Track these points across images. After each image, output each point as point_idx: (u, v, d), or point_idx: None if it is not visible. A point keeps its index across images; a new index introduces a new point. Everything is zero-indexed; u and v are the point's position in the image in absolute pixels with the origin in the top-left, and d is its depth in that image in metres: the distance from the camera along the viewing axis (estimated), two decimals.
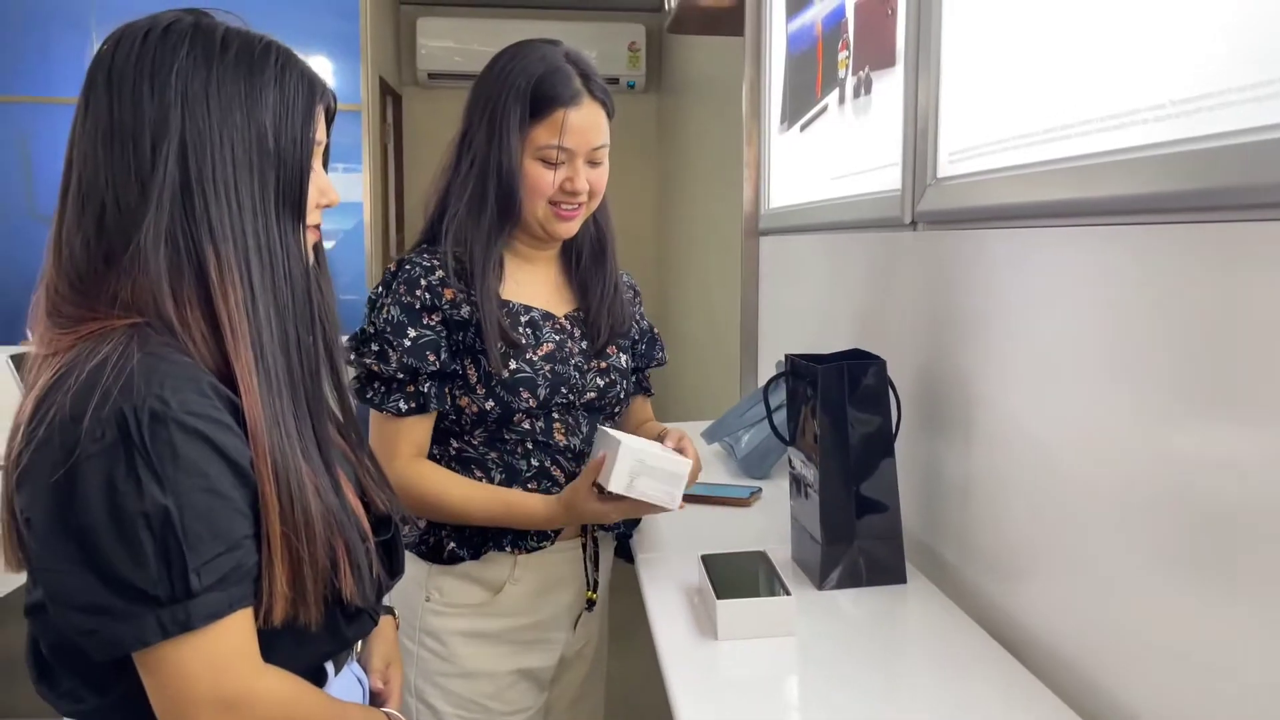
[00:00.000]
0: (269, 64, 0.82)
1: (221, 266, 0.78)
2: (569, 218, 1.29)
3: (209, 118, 0.78)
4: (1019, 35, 1.13)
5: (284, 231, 0.82)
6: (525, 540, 1.30)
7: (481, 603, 1.31)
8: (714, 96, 3.67)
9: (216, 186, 0.78)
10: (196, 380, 0.75)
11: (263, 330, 0.79)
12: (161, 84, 0.78)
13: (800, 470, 1.29)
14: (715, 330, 3.05)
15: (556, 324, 1.33)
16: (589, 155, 1.28)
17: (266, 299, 0.80)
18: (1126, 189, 0.90)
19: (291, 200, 0.83)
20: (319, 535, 0.79)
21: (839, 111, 1.75)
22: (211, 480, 0.73)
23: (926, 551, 1.33)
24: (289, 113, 0.82)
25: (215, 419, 0.74)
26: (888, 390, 1.23)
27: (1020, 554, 1.12)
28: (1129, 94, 0.91)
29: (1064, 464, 1.03)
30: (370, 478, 0.95)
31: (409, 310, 1.24)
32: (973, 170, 1.23)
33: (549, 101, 1.25)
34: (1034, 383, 1.09)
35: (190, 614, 0.72)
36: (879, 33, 1.54)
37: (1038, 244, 1.08)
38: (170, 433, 0.71)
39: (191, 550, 0.72)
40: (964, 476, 1.24)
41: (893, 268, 1.49)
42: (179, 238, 0.78)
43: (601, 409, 1.36)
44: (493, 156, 1.26)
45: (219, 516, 0.74)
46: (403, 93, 5.16)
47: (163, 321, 0.77)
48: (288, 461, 0.78)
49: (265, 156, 0.81)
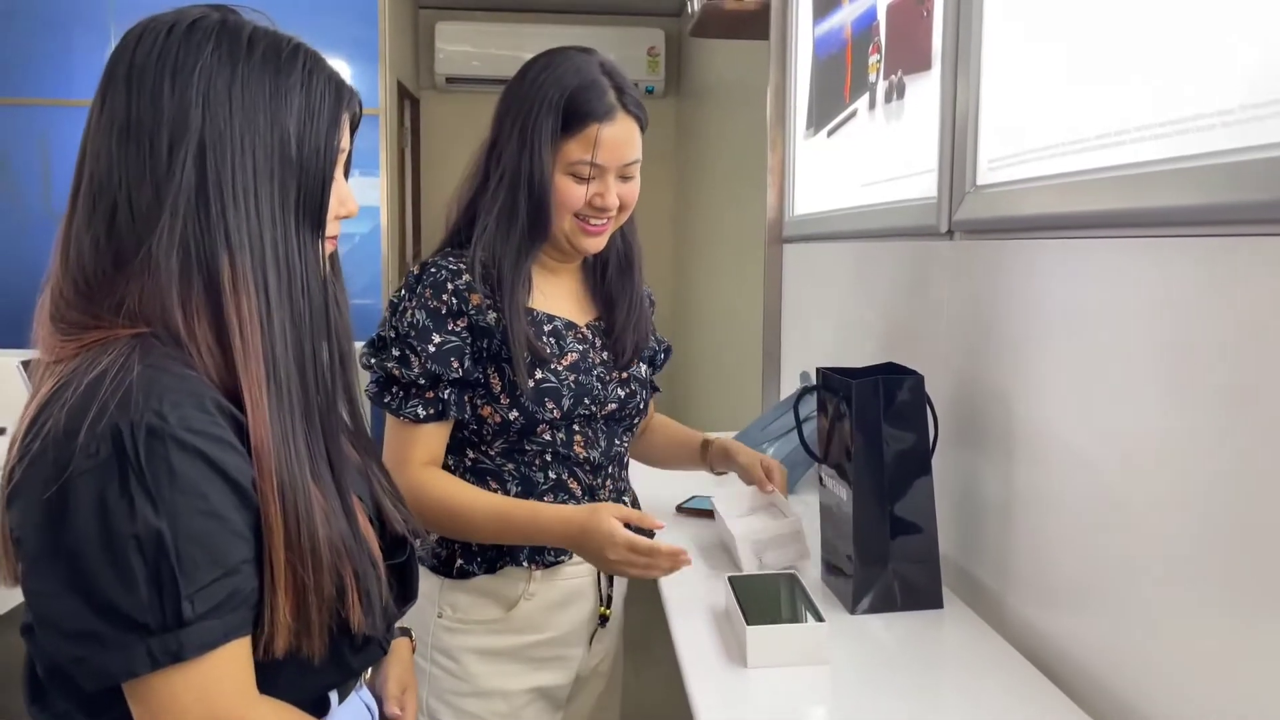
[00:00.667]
0: (296, 67, 0.78)
1: (236, 276, 0.74)
2: (596, 233, 1.26)
3: (231, 119, 0.75)
4: (1065, 36, 1.08)
5: (303, 242, 0.78)
6: (542, 554, 1.26)
7: (495, 619, 1.27)
8: (735, 101, 3.63)
9: (235, 192, 0.75)
10: (199, 395, 0.71)
11: (276, 343, 0.75)
12: (183, 82, 0.74)
13: (832, 488, 1.24)
14: (736, 339, 3.01)
15: (579, 333, 1.29)
16: (621, 170, 1.24)
17: (283, 311, 0.76)
18: (1188, 199, 0.85)
19: (312, 210, 0.79)
20: (325, 562, 0.75)
21: (869, 116, 1.71)
22: (210, 501, 0.69)
23: (963, 575, 1.27)
24: (314, 119, 0.78)
25: (216, 436, 0.70)
26: (925, 406, 1.18)
27: (1065, 578, 1.06)
28: (1189, 98, 0.86)
29: (1114, 485, 0.98)
30: (386, 495, 0.91)
31: (435, 315, 1.21)
32: (1014, 178, 1.18)
33: (582, 116, 1.21)
34: (1080, 400, 1.04)
35: (182, 644, 0.68)
36: (913, 35, 1.49)
37: (1085, 255, 1.03)
38: (167, 450, 0.67)
39: (185, 576, 0.68)
40: (1004, 497, 1.19)
41: (927, 277, 1.44)
42: (192, 244, 0.74)
43: (621, 420, 1.32)
44: (524, 169, 1.22)
45: (216, 540, 0.70)
46: (420, 97, 5.14)
47: (169, 332, 0.73)
48: (295, 483, 0.74)
49: (287, 163, 0.77)
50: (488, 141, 1.28)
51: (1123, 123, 0.97)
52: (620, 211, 1.27)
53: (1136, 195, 0.93)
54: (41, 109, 3.90)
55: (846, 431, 1.18)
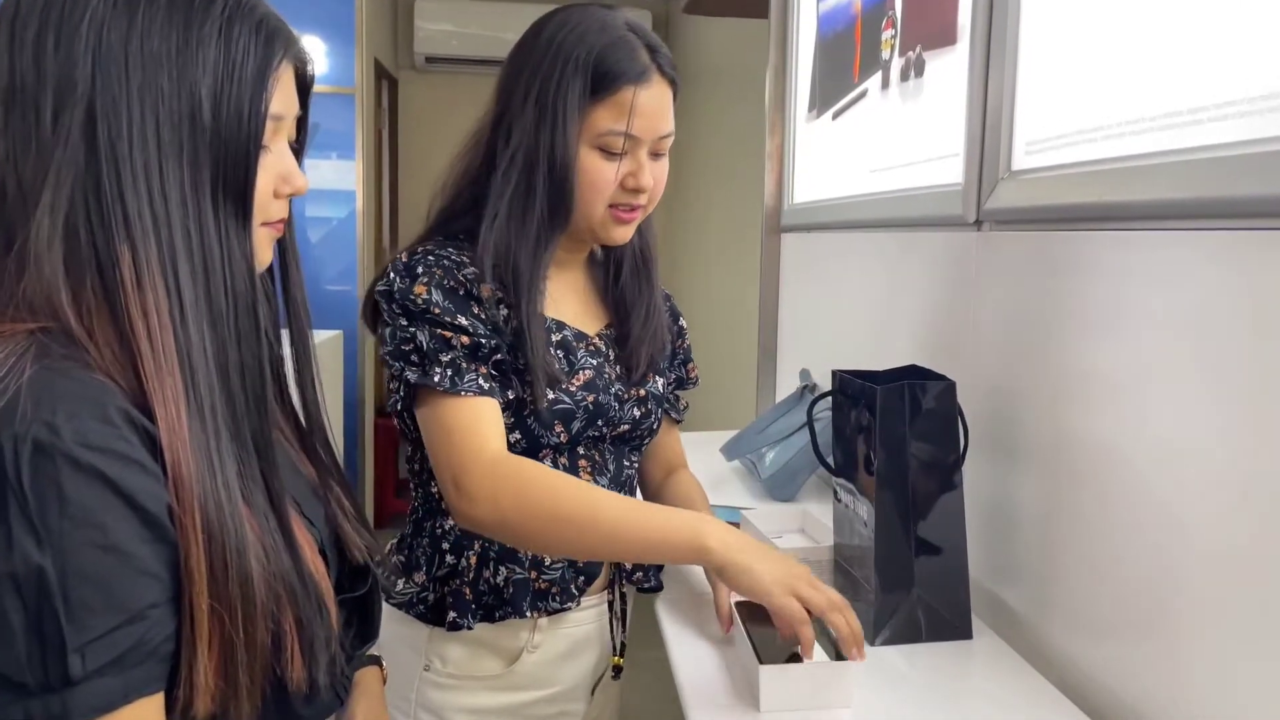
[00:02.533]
0: (211, 13, 0.64)
1: (139, 270, 0.61)
2: (628, 220, 1.08)
3: (126, 79, 0.61)
4: (1116, 5, 0.96)
5: (224, 229, 0.65)
6: (547, 601, 1.09)
7: (494, 674, 1.10)
8: (729, 83, 3.50)
9: (134, 168, 0.62)
10: (101, 403, 0.58)
11: (193, 350, 0.62)
12: (69, 34, 0.61)
13: (850, 505, 1.12)
14: (730, 333, 2.89)
15: (590, 345, 1.12)
16: (654, 145, 1.06)
17: (198, 312, 0.63)
18: (1258, 189, 0.74)
19: (234, 189, 0.65)
20: (260, 609, 0.62)
21: (881, 96, 1.59)
22: (109, 533, 0.57)
23: (994, 601, 1.16)
24: (234, 76, 0.64)
25: (121, 454, 0.58)
26: (955, 415, 1.07)
27: (1110, 606, 0.96)
28: (1258, 76, 0.75)
29: (1167, 502, 0.87)
30: (345, 516, 0.78)
31: (453, 295, 1.01)
32: (1056, 162, 1.06)
33: (614, 78, 1.02)
34: (1129, 408, 0.93)
35: (68, 706, 0.55)
36: (935, 8, 1.37)
37: (1138, 249, 0.92)
38: (57, 470, 0.55)
39: (73, 623, 0.55)
40: (1041, 515, 1.08)
41: (951, 271, 1.32)
42: (81, 230, 0.61)
43: (630, 440, 1.16)
44: (543, 142, 1.03)
45: (117, 580, 0.57)
46: (399, 77, 4.98)
47: (64, 330, 0.61)
48: (223, 514, 0.61)
49: (199, 133, 0.63)
50: (490, 116, 1.09)
51: (1179, 103, 0.86)
52: (651, 199, 1.09)
53: (1203, 183, 0.82)
54: None
55: (868, 442, 1.07)
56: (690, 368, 1.30)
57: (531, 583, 1.08)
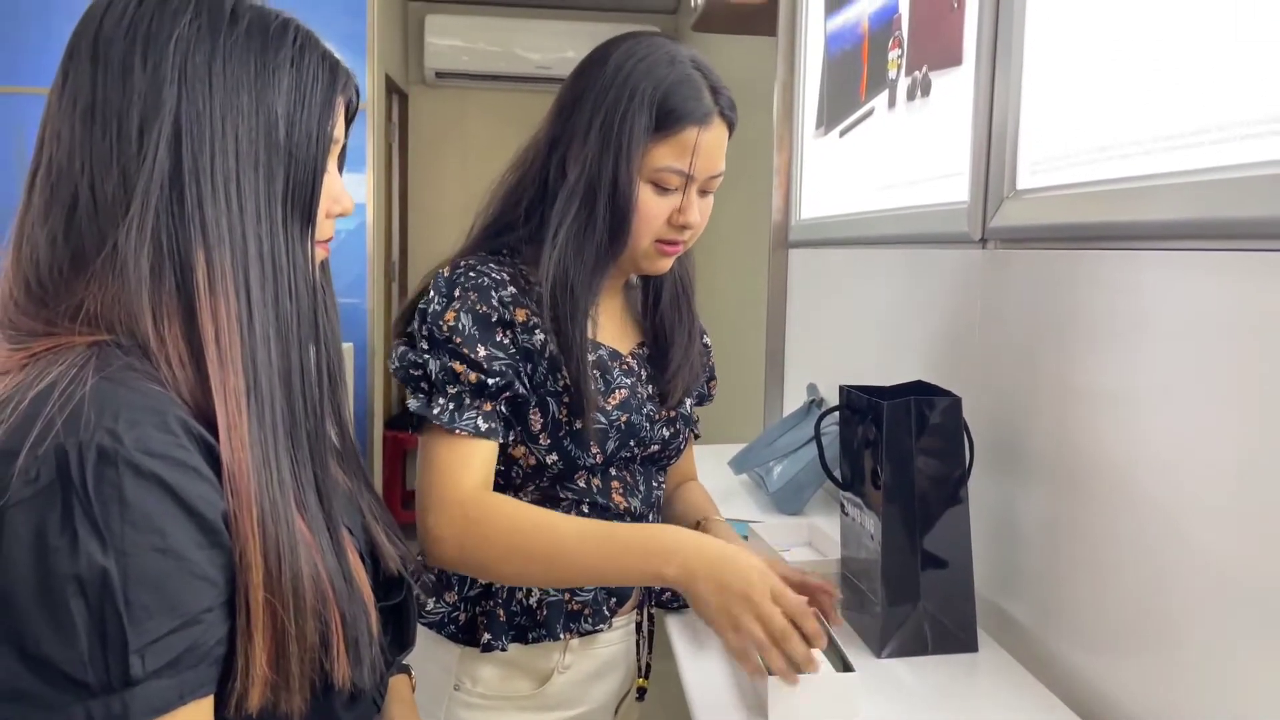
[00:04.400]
0: (285, 42, 0.69)
1: (213, 275, 0.65)
2: (671, 254, 1.10)
3: (210, 98, 0.66)
4: (1121, 24, 0.98)
5: (291, 239, 0.69)
6: (580, 622, 1.10)
7: (525, 694, 1.11)
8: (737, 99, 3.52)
9: (214, 180, 0.66)
10: (161, 413, 0.61)
11: (258, 352, 0.66)
12: (157, 55, 0.65)
13: (856, 518, 1.14)
14: (737, 348, 2.90)
15: (624, 364, 1.13)
16: (704, 184, 1.08)
17: (265, 316, 0.67)
18: (1260, 211, 0.75)
19: (301, 203, 0.70)
20: (309, 606, 0.65)
21: (888, 115, 1.61)
22: (168, 538, 0.59)
23: (999, 614, 1.17)
24: (305, 101, 0.70)
25: (180, 461, 0.60)
26: (961, 431, 1.08)
27: (1115, 619, 0.97)
28: (1261, 99, 0.77)
29: (1172, 516, 0.88)
30: (380, 526, 0.81)
31: (483, 322, 1.02)
32: (1061, 182, 1.08)
33: (679, 117, 1.03)
34: (1132, 425, 0.94)
35: (128, 707, 0.57)
36: (941, 28, 1.39)
37: (1142, 269, 0.94)
38: (120, 476, 0.57)
39: (134, 625, 0.57)
40: (1046, 529, 1.09)
41: (956, 289, 1.34)
42: (164, 238, 0.65)
43: (659, 461, 1.18)
44: (605, 172, 1.03)
45: (174, 584, 0.59)
46: (409, 91, 5.02)
47: (134, 340, 0.64)
48: (278, 513, 0.64)
49: (274, 150, 0.68)
50: (545, 135, 1.09)
51: (1186, 124, 0.88)
52: (693, 234, 1.10)
53: (1206, 205, 0.84)
54: (18, 97, 3.77)
55: (874, 457, 1.08)
56: (712, 385, 1.32)
57: (565, 604, 1.09)
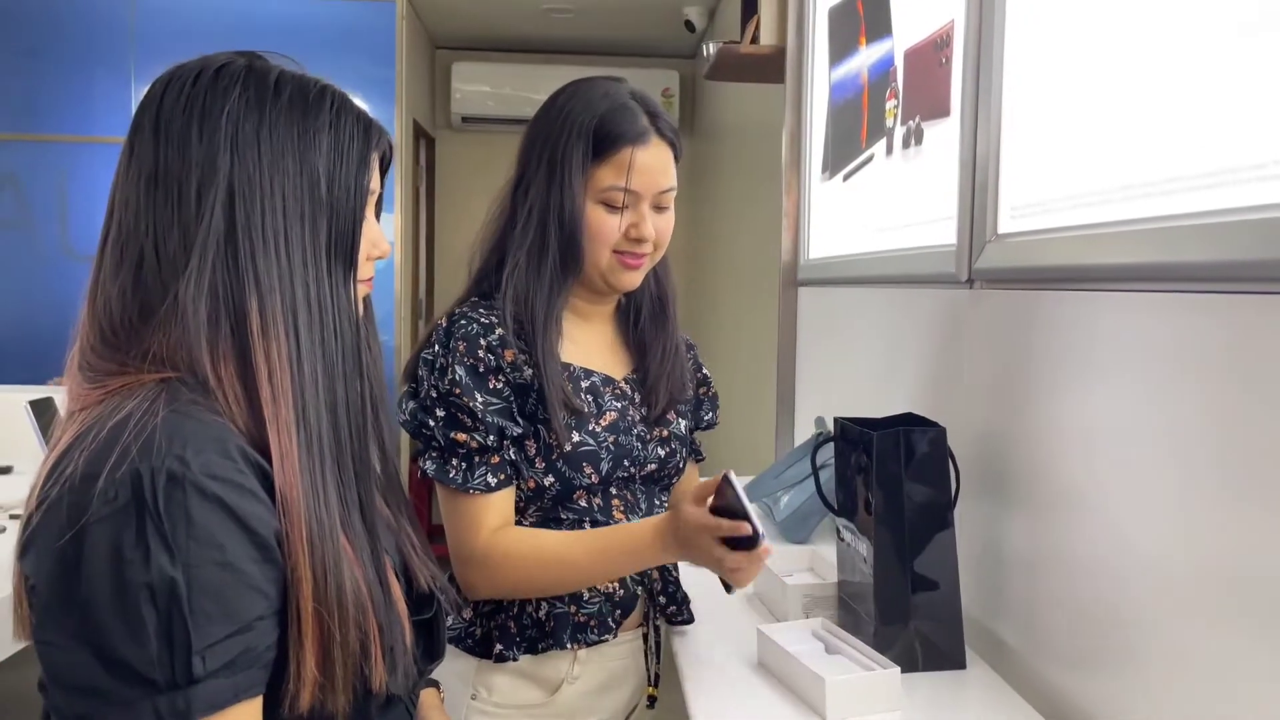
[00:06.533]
0: (324, 108, 0.78)
1: (265, 320, 0.73)
2: (634, 267, 1.18)
3: (259, 162, 0.75)
4: (1091, 83, 1.06)
5: (335, 284, 0.78)
6: (585, 633, 1.17)
7: (536, 704, 1.18)
8: (750, 144, 3.63)
9: (265, 235, 0.74)
10: (223, 441, 0.69)
11: (306, 388, 0.74)
12: (211, 127, 0.74)
13: (851, 542, 1.21)
14: (748, 383, 2.98)
15: (617, 389, 1.22)
16: (655, 199, 1.17)
17: (314, 355, 0.75)
18: (1225, 254, 0.82)
19: (344, 251, 0.78)
20: (351, 613, 0.73)
21: (886, 161, 1.69)
22: (227, 552, 0.67)
23: (985, 634, 1.23)
24: (343, 159, 0.78)
25: (238, 484, 0.68)
26: (946, 459, 1.15)
27: (1093, 638, 1.03)
28: (1225, 150, 0.84)
29: (1141, 542, 0.94)
30: (413, 548, 0.88)
31: (474, 372, 1.12)
32: (1038, 227, 1.16)
33: (614, 139, 1.14)
34: (1104, 457, 1.01)
35: (190, 703, 0.65)
36: (931, 82, 1.48)
37: (1111, 309, 1.00)
38: (186, 497, 0.65)
39: (197, 630, 0.65)
40: (1029, 552, 1.16)
41: (946, 326, 1.42)
42: (220, 289, 0.73)
43: (659, 480, 1.26)
44: (553, 200, 1.15)
45: (231, 593, 0.67)
46: (436, 136, 5.17)
47: (196, 378, 0.72)
48: (324, 532, 0.72)
49: (317, 204, 0.77)
50: (513, 179, 1.21)
51: (1152, 174, 0.95)
52: (656, 247, 1.20)
53: (1166, 250, 0.91)
54: (61, 145, 3.94)
55: (866, 484, 1.15)
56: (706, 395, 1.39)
57: (571, 616, 1.17)
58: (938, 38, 1.47)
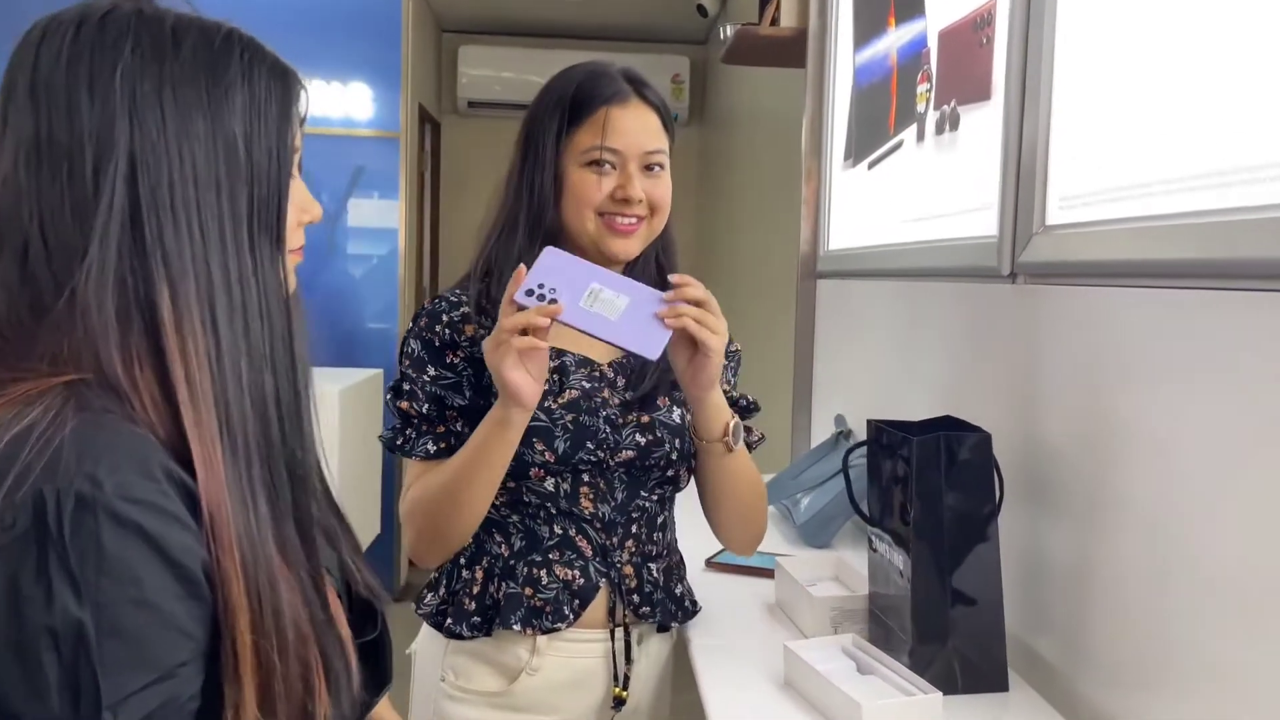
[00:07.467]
0: (233, 58, 0.66)
1: (179, 311, 0.63)
2: (625, 232, 1.13)
3: (163, 127, 0.63)
4: (1151, 64, 0.98)
5: (259, 260, 0.67)
6: (541, 618, 1.12)
7: (497, 691, 1.15)
8: (765, 131, 3.55)
9: (175, 211, 0.63)
10: (143, 458, 0.59)
11: (230, 387, 0.64)
12: (103, 89, 0.62)
13: (885, 554, 1.13)
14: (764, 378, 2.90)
15: (594, 371, 1.16)
16: (642, 160, 1.13)
17: (237, 347, 0.65)
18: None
19: (268, 221, 0.68)
20: (291, 640, 0.63)
21: (917, 149, 1.61)
22: (145, 589, 0.57)
23: (1028, 653, 1.16)
24: (261, 116, 0.67)
25: (161, 509, 0.58)
26: (991, 468, 1.08)
27: (1147, 659, 0.95)
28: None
29: (1202, 557, 0.87)
30: (349, 553, 0.78)
31: (429, 346, 1.14)
32: (1090, 218, 1.08)
33: (589, 100, 1.13)
34: (1164, 464, 0.93)
35: None
36: (970, 63, 1.40)
37: (1174, 307, 0.93)
38: (98, 523, 0.56)
39: (108, 680, 0.55)
40: (1076, 566, 1.08)
41: (984, 322, 1.34)
42: (128, 278, 0.62)
43: (644, 472, 1.16)
44: (527, 168, 1.15)
45: (150, 636, 0.58)
46: (442, 121, 5.09)
47: (107, 381, 0.62)
48: (258, 552, 0.63)
49: (235, 171, 0.66)
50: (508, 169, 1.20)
51: (1214, 164, 0.88)
52: (653, 214, 1.15)
53: (1226, 244, 0.84)
54: None
55: (904, 492, 1.08)
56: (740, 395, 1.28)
57: (527, 599, 1.13)
58: (977, 17, 1.38)
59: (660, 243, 1.21)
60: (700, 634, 1.24)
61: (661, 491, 1.20)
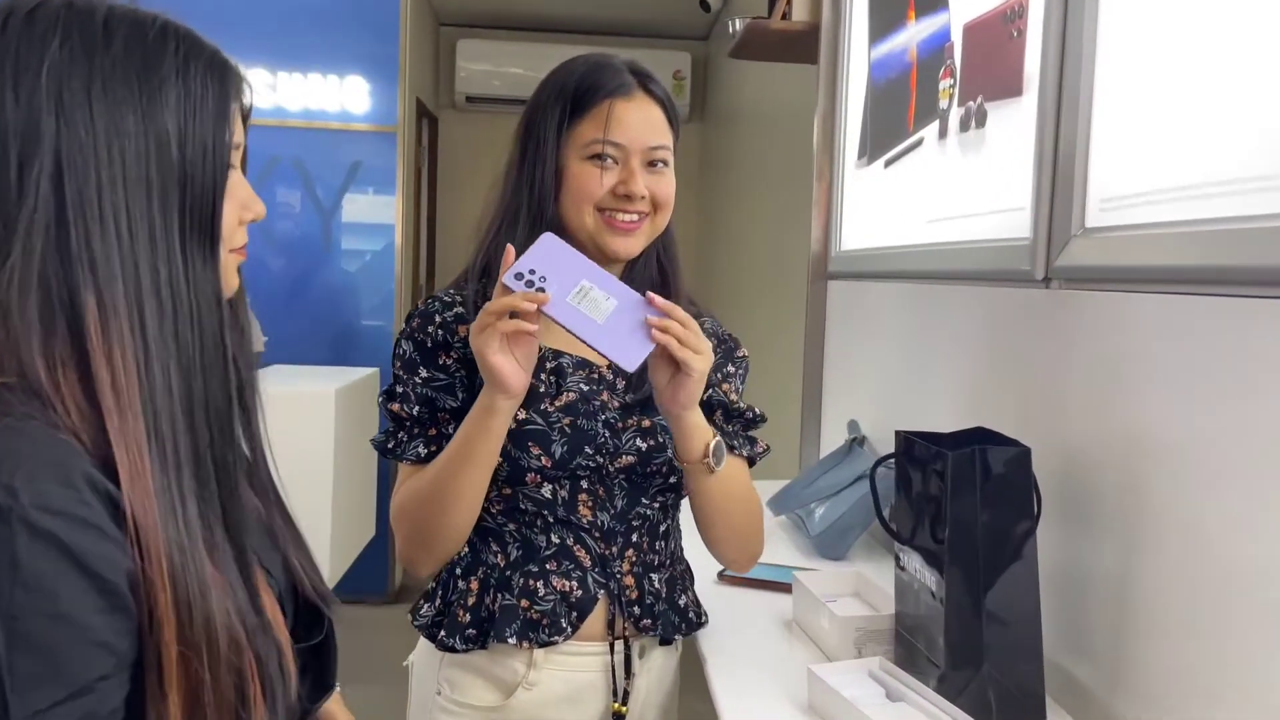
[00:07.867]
0: (167, 53, 0.65)
1: (105, 318, 0.61)
2: (627, 229, 1.09)
3: (92, 126, 0.62)
4: (1199, 61, 0.93)
5: (191, 263, 0.65)
6: (537, 631, 1.08)
7: (493, 706, 1.11)
8: (770, 127, 3.49)
9: (102, 212, 0.62)
10: (64, 466, 0.57)
11: (158, 394, 0.62)
12: (29, 86, 0.61)
13: (915, 573, 1.07)
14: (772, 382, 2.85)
15: (593, 373, 1.12)
16: (645, 155, 1.10)
17: (165, 353, 0.63)
18: None
19: (202, 222, 0.66)
20: (223, 650, 0.61)
21: (939, 146, 1.56)
22: (61, 602, 0.56)
23: (1066, 678, 1.10)
24: (197, 112, 0.65)
25: (81, 519, 0.57)
26: (1030, 484, 1.02)
27: (1195, 686, 0.90)
28: None
29: (1245, 573, 0.82)
30: (297, 553, 0.76)
31: (421, 348, 1.11)
32: (1134, 221, 1.02)
33: (592, 93, 1.09)
34: (1208, 477, 0.89)
35: None
36: (999, 57, 1.34)
37: (1226, 315, 0.88)
38: (13, 534, 0.54)
39: (19, 696, 0.54)
40: (1117, 588, 1.03)
41: (1011, 327, 1.28)
42: (52, 281, 0.61)
43: (645, 478, 1.11)
44: (527, 161, 1.11)
45: (66, 651, 0.56)
46: (439, 115, 5.03)
47: (30, 386, 0.60)
48: (186, 561, 0.61)
49: (166, 171, 0.64)
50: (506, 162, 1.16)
51: (1264, 166, 0.82)
52: (656, 211, 1.11)
53: (1274, 251, 0.79)
54: None
55: (936, 508, 1.02)
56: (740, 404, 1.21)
57: (523, 611, 1.09)
58: (1007, 9, 1.32)
59: (661, 242, 1.17)
60: (715, 651, 1.18)
61: (664, 499, 1.15)
